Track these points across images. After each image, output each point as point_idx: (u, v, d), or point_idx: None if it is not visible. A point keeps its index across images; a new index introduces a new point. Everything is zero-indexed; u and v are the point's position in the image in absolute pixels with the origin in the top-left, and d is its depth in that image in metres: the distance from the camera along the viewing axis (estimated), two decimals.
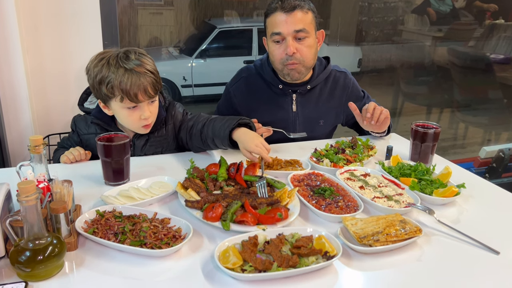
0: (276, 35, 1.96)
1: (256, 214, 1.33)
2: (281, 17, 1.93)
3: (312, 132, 2.16)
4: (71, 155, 1.75)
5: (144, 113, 1.74)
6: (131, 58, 1.70)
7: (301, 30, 1.93)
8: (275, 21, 1.95)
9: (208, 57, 5.03)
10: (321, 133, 2.22)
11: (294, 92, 2.13)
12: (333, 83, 2.20)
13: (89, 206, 1.43)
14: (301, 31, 1.93)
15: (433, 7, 4.83)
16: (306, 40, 1.96)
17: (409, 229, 1.27)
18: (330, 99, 2.20)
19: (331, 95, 2.20)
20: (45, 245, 1.06)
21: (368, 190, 1.56)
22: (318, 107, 2.18)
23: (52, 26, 2.11)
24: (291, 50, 1.94)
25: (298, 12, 1.92)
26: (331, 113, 2.22)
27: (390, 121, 2.05)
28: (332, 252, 1.16)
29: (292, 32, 1.93)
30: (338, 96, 2.21)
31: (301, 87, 2.12)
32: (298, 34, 1.93)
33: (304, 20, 1.93)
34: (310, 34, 1.97)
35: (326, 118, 2.21)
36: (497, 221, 1.45)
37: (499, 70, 4.72)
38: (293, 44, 1.94)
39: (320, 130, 2.21)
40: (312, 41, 1.98)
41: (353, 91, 2.24)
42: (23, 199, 1.01)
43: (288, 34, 1.93)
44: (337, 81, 2.21)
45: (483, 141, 4.86)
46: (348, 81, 2.24)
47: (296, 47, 1.95)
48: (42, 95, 2.20)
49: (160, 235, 1.21)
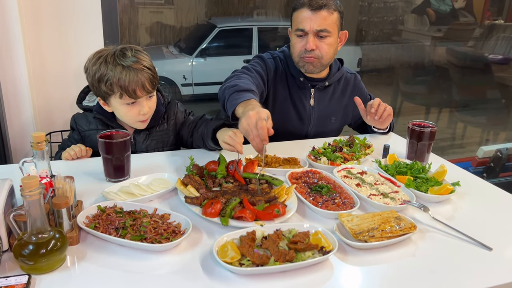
0: (300, 31, 2.01)
1: (254, 210, 1.35)
2: (307, 13, 1.97)
3: (323, 127, 2.25)
4: (72, 151, 1.78)
5: (143, 108, 1.80)
6: (127, 55, 1.75)
7: (323, 30, 1.97)
8: (300, 17, 2.00)
9: (208, 56, 5.05)
10: (331, 130, 2.29)
11: (313, 87, 2.18)
12: (345, 83, 2.28)
13: (90, 201, 1.45)
14: (323, 31, 1.98)
15: (433, 7, 4.85)
16: (327, 39, 2.01)
17: (404, 225, 1.29)
18: (342, 98, 2.28)
19: (343, 94, 2.28)
20: (48, 239, 1.09)
21: (365, 187, 1.59)
22: (331, 104, 2.25)
23: (53, 25, 2.13)
24: (310, 46, 1.98)
25: (324, 12, 1.96)
26: (342, 112, 2.30)
27: (392, 119, 2.10)
28: (328, 248, 1.19)
29: (314, 30, 1.97)
30: (349, 95, 2.28)
31: (320, 82, 2.18)
32: (320, 33, 1.98)
33: (328, 20, 1.97)
34: (332, 34, 2.01)
35: (338, 116, 2.29)
36: (490, 219, 1.47)
37: (498, 70, 4.74)
38: (313, 40, 1.99)
39: (330, 127, 2.28)
40: (332, 40, 2.03)
41: (362, 93, 2.32)
42: (26, 193, 1.03)
43: (310, 32, 1.98)
44: (348, 82, 2.29)
45: (481, 140, 4.88)
46: (358, 82, 2.33)
47: (316, 44, 2.00)
48: (43, 93, 2.22)
49: (160, 230, 1.24)
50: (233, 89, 1.69)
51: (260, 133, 1.39)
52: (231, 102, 1.63)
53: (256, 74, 2.01)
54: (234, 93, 1.66)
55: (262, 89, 2.01)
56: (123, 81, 1.72)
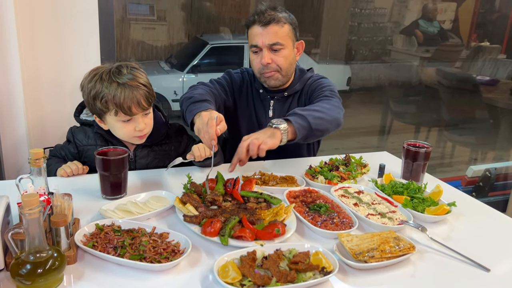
0: (254, 47, 2.05)
1: (254, 230, 1.35)
2: (258, 30, 2.00)
3: None
4: (69, 168, 1.76)
5: (139, 125, 1.79)
6: (123, 73, 1.75)
7: (276, 43, 2.00)
8: (253, 34, 2.03)
9: (199, 72, 5.05)
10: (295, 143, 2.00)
11: (272, 99, 2.20)
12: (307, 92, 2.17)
13: (87, 219, 1.43)
14: (275, 44, 2.00)
15: (421, 29, 4.95)
16: (282, 52, 2.03)
17: (403, 245, 1.30)
18: None
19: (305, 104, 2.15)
20: (46, 258, 1.07)
21: (362, 207, 1.59)
22: None
23: (50, 39, 2.12)
24: (266, 60, 2.01)
25: (274, 26, 1.98)
26: None
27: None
28: (329, 268, 1.19)
29: (267, 45, 2.00)
30: None
31: (278, 93, 2.18)
32: (273, 46, 2.01)
33: (279, 33, 2.00)
34: (286, 46, 2.03)
35: None
36: (486, 239, 1.49)
37: (485, 91, 4.83)
38: (268, 55, 2.02)
39: None
40: (287, 52, 2.05)
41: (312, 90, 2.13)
42: (26, 211, 1.02)
43: (263, 47, 2.01)
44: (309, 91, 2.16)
45: (470, 160, 4.94)
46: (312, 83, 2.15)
47: (271, 58, 2.02)
48: (38, 108, 2.19)
49: (159, 249, 1.23)
50: (189, 101, 1.85)
51: (209, 131, 1.58)
52: (189, 113, 1.79)
53: (217, 85, 2.14)
54: (191, 104, 1.82)
55: (223, 98, 2.12)
56: (118, 98, 1.71)
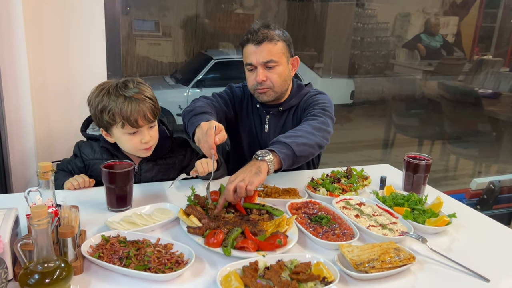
0: (249, 65, 2.09)
1: (256, 241, 1.37)
2: (252, 48, 2.04)
3: None
4: (75, 181, 1.80)
5: (145, 137, 1.83)
6: (129, 87, 1.81)
7: (270, 61, 2.04)
8: (247, 52, 2.08)
9: (204, 87, 5.11)
10: None
11: (268, 113, 2.23)
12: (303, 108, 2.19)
13: (93, 231, 1.46)
14: (269, 62, 2.04)
15: (424, 43, 4.99)
16: (276, 69, 2.06)
17: (403, 256, 1.32)
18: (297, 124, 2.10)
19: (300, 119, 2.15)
20: (54, 268, 1.09)
21: (363, 218, 1.61)
22: (285, 130, 2.06)
23: (58, 54, 2.18)
24: (260, 78, 2.05)
25: (267, 44, 2.02)
26: None
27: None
28: (329, 278, 1.21)
29: (261, 62, 2.04)
30: None
31: (274, 108, 2.22)
32: (267, 64, 2.04)
33: (273, 51, 2.03)
34: (280, 63, 2.06)
35: None
36: (487, 250, 1.50)
37: (488, 104, 4.85)
38: (262, 72, 2.05)
39: None
40: (282, 69, 2.08)
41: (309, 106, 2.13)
42: (35, 223, 1.05)
43: (257, 64, 2.05)
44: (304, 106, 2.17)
45: (474, 173, 4.94)
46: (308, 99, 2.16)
47: (266, 75, 2.06)
48: (46, 122, 2.24)
49: (164, 260, 1.25)
50: (190, 114, 1.93)
51: (208, 140, 1.62)
52: (190, 125, 1.85)
53: (219, 98, 2.21)
54: (192, 117, 1.89)
55: (224, 111, 2.19)
56: (125, 111, 1.76)
